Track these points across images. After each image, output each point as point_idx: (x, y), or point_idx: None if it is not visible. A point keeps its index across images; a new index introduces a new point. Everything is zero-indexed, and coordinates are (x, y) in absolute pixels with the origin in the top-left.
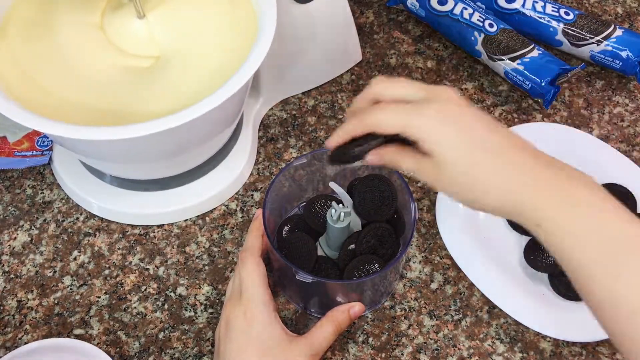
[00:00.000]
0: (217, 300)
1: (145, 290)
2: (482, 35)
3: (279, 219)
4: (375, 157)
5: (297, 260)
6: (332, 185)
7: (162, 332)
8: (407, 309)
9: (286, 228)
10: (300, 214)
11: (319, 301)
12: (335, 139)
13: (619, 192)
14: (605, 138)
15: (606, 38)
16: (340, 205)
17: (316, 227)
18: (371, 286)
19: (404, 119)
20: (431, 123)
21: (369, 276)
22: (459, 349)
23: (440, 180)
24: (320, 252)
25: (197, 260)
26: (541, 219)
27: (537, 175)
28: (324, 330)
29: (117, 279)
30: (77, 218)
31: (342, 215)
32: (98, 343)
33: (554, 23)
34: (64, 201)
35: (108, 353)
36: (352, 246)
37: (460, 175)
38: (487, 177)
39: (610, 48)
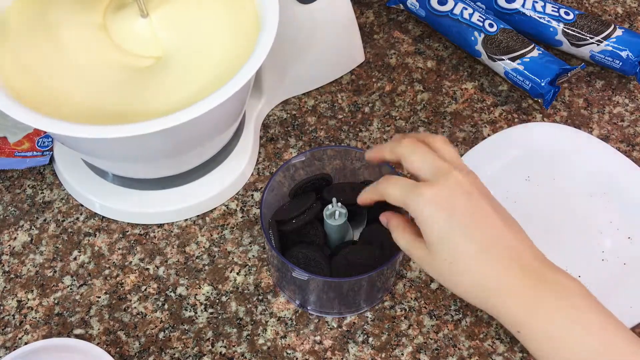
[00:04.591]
0: (217, 300)
1: (145, 290)
2: (482, 35)
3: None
4: (384, 218)
5: (293, 257)
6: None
7: (162, 332)
8: (407, 309)
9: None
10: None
11: (316, 298)
12: (362, 201)
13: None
14: (605, 138)
15: (606, 38)
16: (339, 203)
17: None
18: (368, 282)
19: (406, 196)
20: (426, 206)
21: (365, 274)
22: (459, 349)
23: (428, 264)
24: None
25: (197, 260)
26: (519, 325)
27: (516, 282)
28: None
29: (117, 279)
30: (77, 218)
31: (336, 214)
32: (98, 343)
33: (554, 23)
34: (64, 201)
35: (108, 353)
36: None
37: (444, 262)
38: (468, 276)
39: (610, 48)
